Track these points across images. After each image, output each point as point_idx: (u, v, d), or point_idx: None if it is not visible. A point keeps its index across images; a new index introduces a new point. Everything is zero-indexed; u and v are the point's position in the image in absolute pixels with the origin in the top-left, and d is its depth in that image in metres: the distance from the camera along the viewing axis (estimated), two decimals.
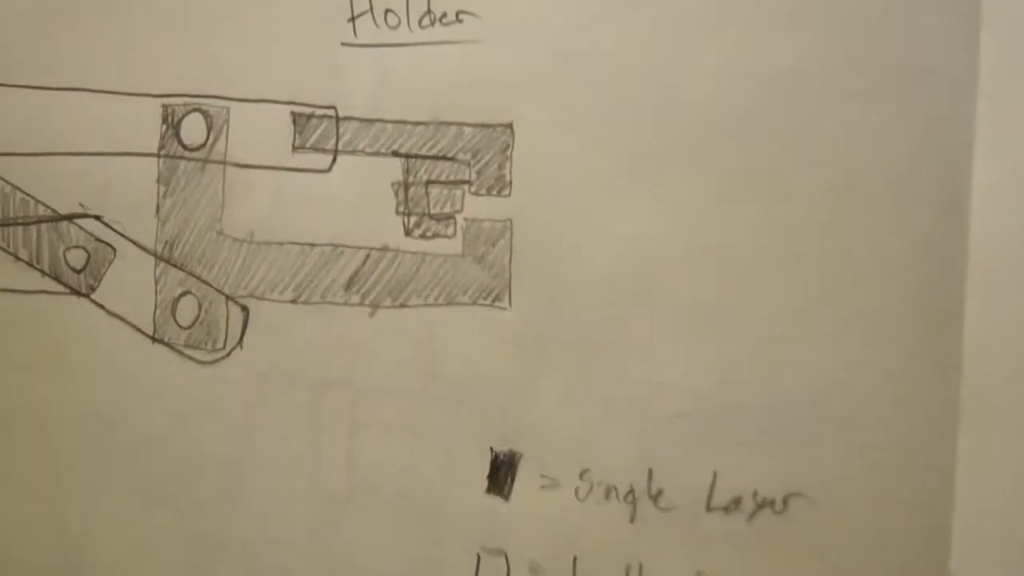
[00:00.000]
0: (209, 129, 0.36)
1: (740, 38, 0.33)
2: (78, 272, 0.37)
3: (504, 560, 0.35)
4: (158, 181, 0.36)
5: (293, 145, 0.36)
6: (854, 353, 0.33)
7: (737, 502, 0.34)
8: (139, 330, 0.36)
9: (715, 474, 0.34)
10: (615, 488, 0.34)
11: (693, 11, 0.34)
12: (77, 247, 0.37)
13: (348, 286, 0.35)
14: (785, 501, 0.34)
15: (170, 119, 0.36)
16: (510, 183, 0.35)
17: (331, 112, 0.35)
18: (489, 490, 0.35)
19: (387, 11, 0.35)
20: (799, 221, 0.33)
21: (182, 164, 0.36)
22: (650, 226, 0.34)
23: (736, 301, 0.34)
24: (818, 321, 0.33)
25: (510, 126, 0.35)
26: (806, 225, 0.33)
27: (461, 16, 0.35)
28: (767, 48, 0.33)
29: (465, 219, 0.35)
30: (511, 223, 0.35)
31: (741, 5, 0.33)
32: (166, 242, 0.36)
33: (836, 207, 0.33)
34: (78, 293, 0.37)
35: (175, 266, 0.36)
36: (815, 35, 0.33)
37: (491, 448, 0.35)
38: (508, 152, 0.35)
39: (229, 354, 0.36)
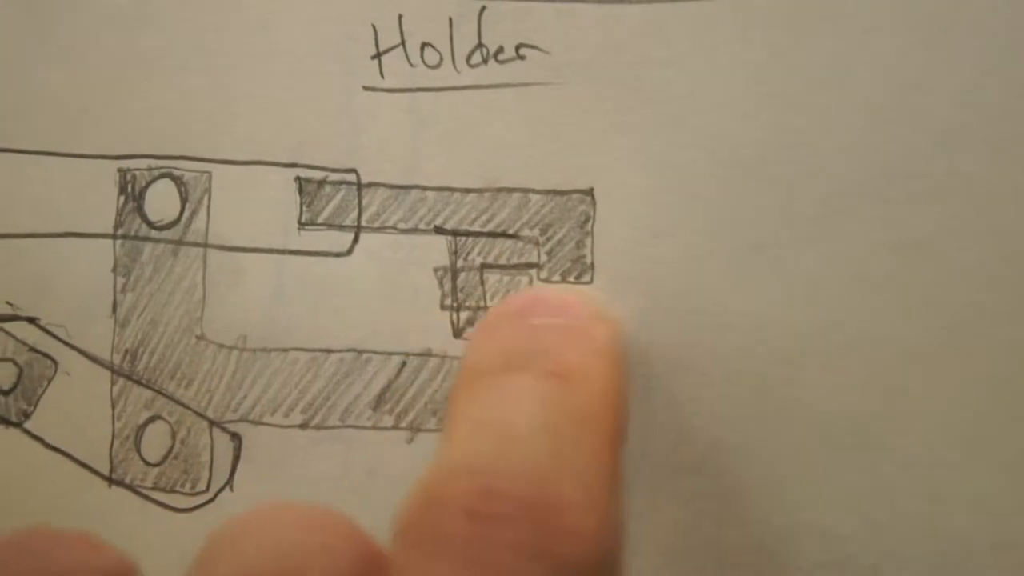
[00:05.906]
0: (183, 201, 0.29)
1: (894, 63, 0.26)
2: (5, 394, 0.30)
3: None
4: (114, 270, 0.29)
5: (299, 221, 0.29)
6: None
7: None
8: (91, 469, 0.30)
9: None
10: None
11: (830, 34, 0.26)
12: (4, 360, 0.30)
13: (378, 404, 0.29)
14: None
15: (130, 188, 0.29)
16: (592, 266, 0.28)
17: (351, 176, 0.28)
18: None
19: (424, 45, 0.28)
20: (973, 307, 0.26)
21: (147, 247, 0.29)
22: (777, 319, 0.27)
23: (890, 415, 0.27)
24: (1002, 442, 0.26)
25: (590, 192, 0.28)
26: (982, 313, 0.26)
27: (523, 51, 0.28)
28: (933, 75, 0.26)
29: None
30: None
31: (898, 15, 0.26)
32: (126, 351, 0.29)
33: None
34: (6, 422, 0.30)
35: (139, 383, 0.29)
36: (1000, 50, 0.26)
37: None
38: (588, 226, 0.28)
39: (215, 498, 0.29)
